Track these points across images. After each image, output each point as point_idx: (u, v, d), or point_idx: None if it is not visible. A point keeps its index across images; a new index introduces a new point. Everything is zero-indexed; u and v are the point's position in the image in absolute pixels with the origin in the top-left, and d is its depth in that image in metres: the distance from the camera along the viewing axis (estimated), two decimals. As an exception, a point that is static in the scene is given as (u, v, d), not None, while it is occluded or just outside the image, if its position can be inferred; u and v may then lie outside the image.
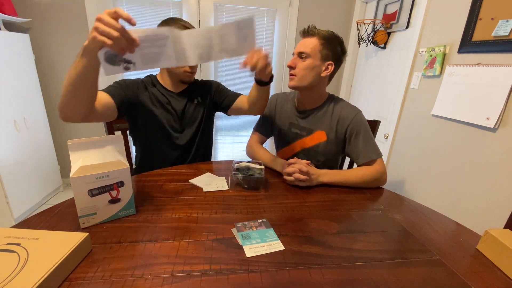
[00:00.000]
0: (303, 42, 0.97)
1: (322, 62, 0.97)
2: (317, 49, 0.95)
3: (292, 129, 1.10)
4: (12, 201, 1.72)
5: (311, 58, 0.96)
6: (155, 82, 1.06)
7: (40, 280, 0.41)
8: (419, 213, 0.76)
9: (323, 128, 1.04)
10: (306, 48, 0.95)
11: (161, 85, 1.05)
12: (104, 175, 0.60)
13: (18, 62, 1.80)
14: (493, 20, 1.14)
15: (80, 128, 2.28)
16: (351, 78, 2.43)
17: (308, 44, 0.96)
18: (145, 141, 1.07)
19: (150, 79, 1.06)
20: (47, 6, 1.94)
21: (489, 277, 0.53)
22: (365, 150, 0.98)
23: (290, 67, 0.99)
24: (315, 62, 0.96)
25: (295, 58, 0.99)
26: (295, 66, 0.98)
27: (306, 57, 0.96)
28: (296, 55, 0.98)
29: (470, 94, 1.24)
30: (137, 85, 1.02)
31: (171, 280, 0.48)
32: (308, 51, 0.95)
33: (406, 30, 1.73)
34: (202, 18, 2.15)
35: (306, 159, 0.96)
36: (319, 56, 0.96)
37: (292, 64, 0.98)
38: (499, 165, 1.13)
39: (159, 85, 1.05)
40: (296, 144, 1.10)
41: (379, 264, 0.54)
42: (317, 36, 0.95)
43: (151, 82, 1.05)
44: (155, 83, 1.06)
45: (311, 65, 0.97)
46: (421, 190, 1.55)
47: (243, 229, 0.63)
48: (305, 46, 0.96)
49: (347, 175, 0.92)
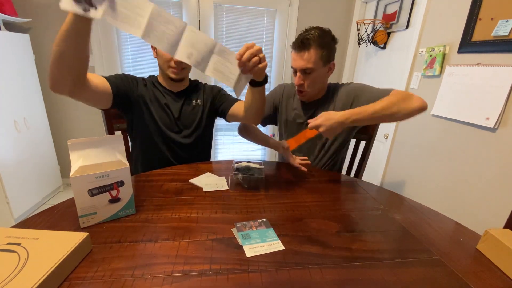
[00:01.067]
0: (302, 56, 0.94)
1: (325, 66, 0.98)
2: (318, 58, 0.94)
3: (297, 119, 1.13)
4: (12, 201, 1.72)
5: (316, 70, 0.96)
6: (156, 83, 1.06)
7: (40, 280, 0.41)
8: (419, 213, 0.76)
9: None
10: (308, 64, 0.94)
11: (160, 85, 1.06)
12: (104, 175, 0.60)
13: (18, 62, 1.80)
14: (493, 20, 1.14)
15: (80, 128, 2.28)
16: (351, 78, 2.43)
17: (308, 58, 0.93)
18: (141, 140, 1.07)
19: (152, 80, 1.07)
20: (47, 6, 1.94)
21: (489, 277, 0.53)
22: (378, 94, 0.94)
23: (300, 85, 0.99)
24: (319, 71, 0.97)
25: (300, 76, 0.97)
26: (303, 83, 0.98)
27: (310, 72, 0.96)
28: (299, 72, 0.97)
29: (469, 94, 1.24)
30: (137, 80, 1.03)
31: (171, 280, 0.48)
32: (311, 66, 0.94)
33: (406, 30, 1.73)
34: (202, 18, 2.15)
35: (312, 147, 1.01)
36: (321, 63, 0.95)
37: (300, 82, 0.98)
38: (499, 165, 1.13)
39: (158, 85, 1.06)
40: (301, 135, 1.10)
41: (379, 264, 0.54)
42: (313, 46, 0.92)
43: (152, 82, 1.06)
44: (155, 83, 1.06)
45: (317, 76, 0.97)
46: (421, 190, 1.55)
47: (243, 229, 0.63)
48: (306, 61, 0.94)
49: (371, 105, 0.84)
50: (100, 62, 2.12)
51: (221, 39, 2.26)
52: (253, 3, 2.18)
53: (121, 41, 2.11)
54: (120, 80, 0.96)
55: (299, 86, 1.00)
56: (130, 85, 1.00)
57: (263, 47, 2.32)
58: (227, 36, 2.25)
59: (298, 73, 0.98)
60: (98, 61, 2.11)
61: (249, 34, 2.27)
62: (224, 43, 2.26)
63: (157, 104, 1.03)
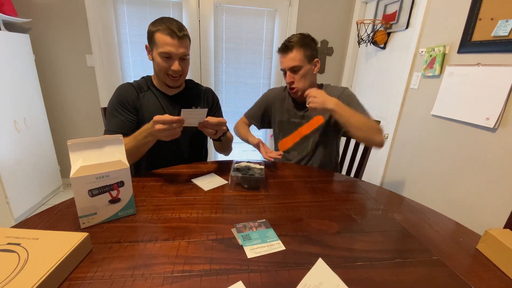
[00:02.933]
0: (288, 57, 1.06)
1: (310, 63, 1.09)
2: (302, 56, 1.06)
3: (291, 119, 1.20)
4: (12, 201, 1.72)
5: (302, 67, 1.07)
6: (150, 84, 1.04)
7: (40, 280, 0.41)
8: (419, 213, 0.76)
9: (320, 112, 1.09)
10: (294, 62, 1.06)
11: (155, 88, 1.04)
12: (104, 175, 0.60)
13: (18, 62, 1.80)
14: (493, 20, 1.14)
15: (80, 129, 2.28)
16: (351, 78, 2.43)
17: (293, 57, 1.06)
18: None
19: (145, 81, 1.04)
20: (47, 6, 1.94)
21: (489, 277, 0.53)
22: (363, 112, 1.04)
23: (291, 83, 1.09)
24: (306, 68, 1.08)
25: (290, 75, 1.09)
26: (293, 80, 1.09)
27: (298, 69, 1.07)
28: (288, 71, 1.09)
29: (469, 94, 1.24)
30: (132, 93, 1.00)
31: (171, 280, 0.48)
32: (297, 63, 1.06)
33: (406, 30, 1.73)
34: (202, 18, 2.15)
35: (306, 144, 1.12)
36: (306, 61, 1.07)
37: (291, 80, 1.09)
38: (499, 165, 1.13)
39: (153, 88, 1.03)
40: (296, 133, 1.19)
41: (379, 264, 0.54)
42: (295, 47, 1.05)
43: (146, 84, 1.04)
44: (150, 85, 1.04)
45: (305, 72, 1.08)
46: (421, 190, 1.55)
47: (243, 230, 0.63)
48: (292, 60, 1.06)
49: (353, 112, 0.95)
50: (100, 62, 2.11)
51: (221, 39, 2.26)
52: (253, 3, 2.18)
53: (121, 41, 2.11)
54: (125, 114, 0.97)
55: (290, 83, 1.10)
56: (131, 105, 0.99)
57: (263, 47, 2.32)
58: (227, 36, 2.25)
59: (287, 72, 1.09)
60: (98, 61, 2.11)
61: (249, 34, 2.26)
62: (224, 43, 2.26)
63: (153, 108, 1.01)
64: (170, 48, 0.90)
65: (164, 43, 0.90)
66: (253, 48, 2.31)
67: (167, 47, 0.90)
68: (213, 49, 2.25)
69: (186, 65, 0.98)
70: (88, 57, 2.09)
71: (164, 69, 0.94)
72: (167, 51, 0.90)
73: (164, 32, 0.89)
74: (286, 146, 1.21)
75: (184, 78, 1.05)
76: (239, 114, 1.38)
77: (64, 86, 2.15)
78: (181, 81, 1.02)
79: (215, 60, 2.29)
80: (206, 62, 2.28)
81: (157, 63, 0.94)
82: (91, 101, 2.21)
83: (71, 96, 2.18)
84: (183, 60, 0.96)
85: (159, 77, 1.00)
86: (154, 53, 0.94)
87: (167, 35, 0.89)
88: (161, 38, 0.90)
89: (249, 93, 2.44)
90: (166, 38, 0.89)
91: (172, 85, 1.01)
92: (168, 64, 0.93)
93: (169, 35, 0.89)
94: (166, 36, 0.89)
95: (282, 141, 1.23)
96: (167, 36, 0.89)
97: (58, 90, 2.15)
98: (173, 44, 0.90)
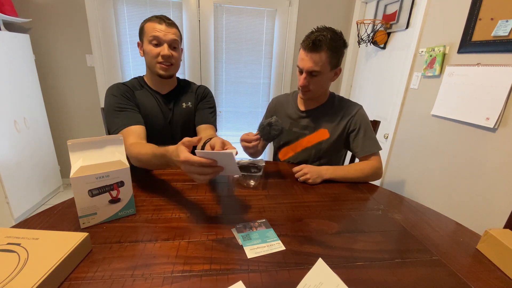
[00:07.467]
0: (311, 57, 0.91)
1: (331, 71, 0.96)
2: (327, 62, 0.92)
3: (293, 128, 1.11)
4: (12, 201, 1.72)
5: (323, 74, 0.94)
6: (143, 83, 1.04)
7: (40, 280, 0.41)
8: (419, 213, 0.76)
9: (326, 125, 1.05)
10: (316, 66, 0.91)
11: (148, 87, 1.04)
12: (104, 175, 0.60)
13: (18, 62, 1.80)
14: (493, 20, 1.14)
15: (80, 129, 2.28)
16: (351, 78, 2.43)
17: (317, 60, 0.90)
18: None
19: (137, 81, 1.04)
20: (47, 6, 1.94)
21: (489, 277, 0.53)
22: (365, 145, 1.02)
23: (304, 86, 0.97)
24: (326, 75, 0.95)
25: (306, 77, 0.95)
26: (308, 84, 0.96)
27: (317, 74, 0.94)
28: (306, 73, 0.94)
29: (469, 94, 1.24)
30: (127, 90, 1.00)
31: (171, 280, 0.48)
32: (319, 69, 0.91)
33: (406, 30, 1.73)
34: (202, 18, 2.15)
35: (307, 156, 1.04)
36: (329, 68, 0.94)
37: (305, 83, 0.96)
38: (499, 165, 1.13)
39: (146, 86, 1.04)
40: (297, 143, 1.11)
41: (379, 264, 0.54)
42: (324, 49, 0.89)
43: (139, 83, 1.03)
44: (143, 84, 1.04)
45: (323, 79, 0.96)
46: (421, 190, 1.55)
47: (243, 230, 0.63)
48: (314, 64, 0.91)
49: (347, 169, 0.97)
50: (100, 62, 2.12)
51: (221, 39, 2.26)
52: (253, 3, 2.18)
53: (121, 41, 2.11)
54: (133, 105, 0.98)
55: (304, 87, 0.98)
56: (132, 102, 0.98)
57: (263, 47, 2.32)
58: (227, 36, 2.25)
59: (304, 74, 0.95)
60: (98, 61, 2.11)
61: (249, 34, 2.26)
62: (224, 43, 2.26)
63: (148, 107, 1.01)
64: (158, 33, 0.93)
65: (153, 28, 0.93)
66: (253, 48, 2.31)
67: (156, 32, 0.93)
68: (213, 49, 2.25)
69: (177, 55, 0.99)
70: (88, 57, 2.10)
71: (154, 56, 0.95)
72: (156, 35, 0.93)
73: (152, 21, 0.95)
74: (287, 155, 1.15)
75: (176, 70, 1.03)
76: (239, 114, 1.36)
77: (64, 86, 2.15)
78: (172, 70, 1.00)
79: (215, 60, 2.30)
80: (206, 62, 2.28)
81: (147, 52, 0.96)
82: (91, 101, 2.21)
83: (71, 96, 2.18)
84: (174, 49, 0.97)
85: (150, 69, 0.99)
86: (144, 44, 0.96)
87: (155, 22, 0.94)
88: (150, 25, 0.94)
89: (249, 93, 2.44)
90: (155, 24, 0.94)
91: (164, 74, 0.98)
92: (158, 50, 0.94)
93: (157, 22, 0.94)
94: (154, 23, 0.94)
95: (283, 150, 1.16)
96: (155, 23, 0.94)
97: (58, 90, 2.15)
98: (161, 29, 0.93)
